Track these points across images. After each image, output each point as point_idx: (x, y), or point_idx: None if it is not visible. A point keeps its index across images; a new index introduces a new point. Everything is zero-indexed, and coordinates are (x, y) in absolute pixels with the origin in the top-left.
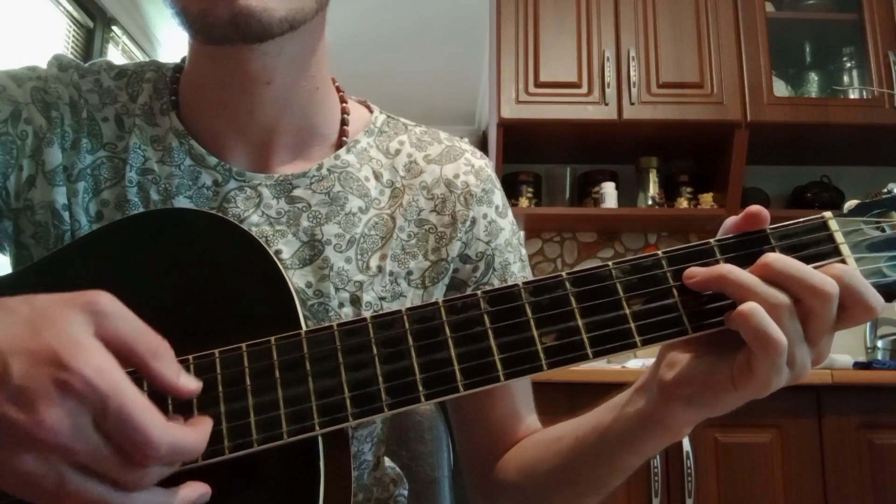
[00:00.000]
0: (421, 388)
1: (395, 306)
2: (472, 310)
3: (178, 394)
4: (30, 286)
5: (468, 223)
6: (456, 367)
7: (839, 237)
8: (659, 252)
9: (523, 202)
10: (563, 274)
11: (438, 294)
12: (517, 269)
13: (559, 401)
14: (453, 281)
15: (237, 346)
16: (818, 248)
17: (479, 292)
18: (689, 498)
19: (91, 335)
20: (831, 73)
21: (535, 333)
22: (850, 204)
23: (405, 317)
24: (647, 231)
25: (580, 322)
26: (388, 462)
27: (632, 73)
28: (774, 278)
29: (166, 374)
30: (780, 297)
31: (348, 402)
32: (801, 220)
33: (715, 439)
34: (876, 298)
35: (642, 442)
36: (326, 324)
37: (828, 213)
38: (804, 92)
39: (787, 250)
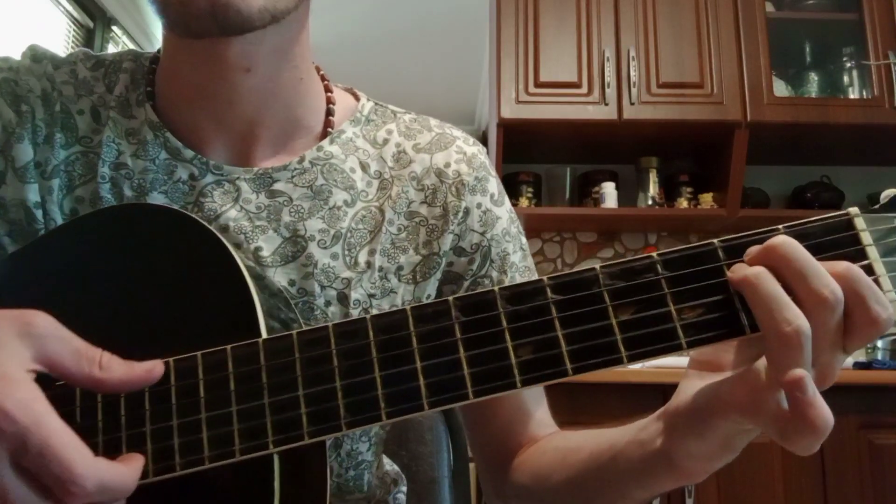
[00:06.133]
0: (382, 405)
1: (384, 303)
2: (443, 318)
3: (144, 383)
4: None
5: (461, 214)
6: (421, 382)
7: (866, 237)
8: (654, 254)
9: (523, 202)
10: (545, 279)
11: (430, 289)
12: (518, 258)
13: (559, 401)
14: (448, 275)
15: (192, 355)
16: (840, 250)
17: (450, 298)
18: (689, 498)
19: (24, 364)
20: (831, 73)
21: (510, 346)
22: (888, 193)
23: (370, 326)
24: (647, 231)
25: (560, 334)
26: (386, 461)
27: (632, 73)
28: (774, 264)
29: (120, 376)
30: (800, 321)
31: (304, 418)
32: (823, 216)
33: None
34: (882, 307)
35: (649, 475)
36: (299, 328)
37: (854, 210)
38: (804, 92)
39: None
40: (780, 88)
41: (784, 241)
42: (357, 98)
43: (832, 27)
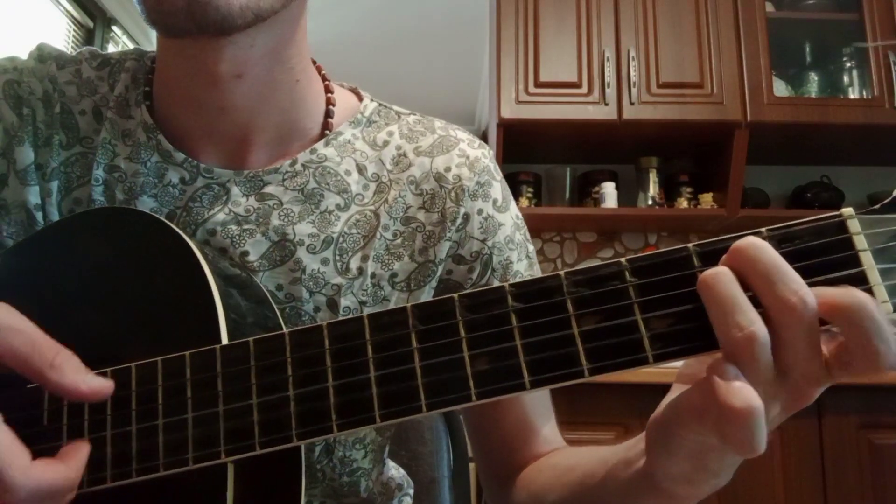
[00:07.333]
0: (334, 417)
1: (377, 311)
2: (399, 327)
3: (85, 399)
4: None
5: (459, 221)
6: (374, 392)
7: (860, 242)
8: (623, 260)
9: (523, 202)
10: (506, 286)
11: (425, 298)
12: (522, 267)
13: (557, 401)
14: (447, 284)
15: (153, 361)
16: (829, 256)
17: (408, 305)
18: None
19: None
20: (831, 73)
21: (467, 356)
22: None
23: (325, 333)
24: (647, 231)
25: (519, 344)
26: (392, 465)
27: (632, 73)
28: (739, 267)
29: (66, 382)
30: (753, 327)
31: (256, 428)
32: (812, 218)
33: None
34: (887, 346)
35: (635, 497)
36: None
37: (848, 210)
38: (804, 92)
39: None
40: (780, 88)
41: (749, 243)
42: (360, 98)
43: (832, 27)
